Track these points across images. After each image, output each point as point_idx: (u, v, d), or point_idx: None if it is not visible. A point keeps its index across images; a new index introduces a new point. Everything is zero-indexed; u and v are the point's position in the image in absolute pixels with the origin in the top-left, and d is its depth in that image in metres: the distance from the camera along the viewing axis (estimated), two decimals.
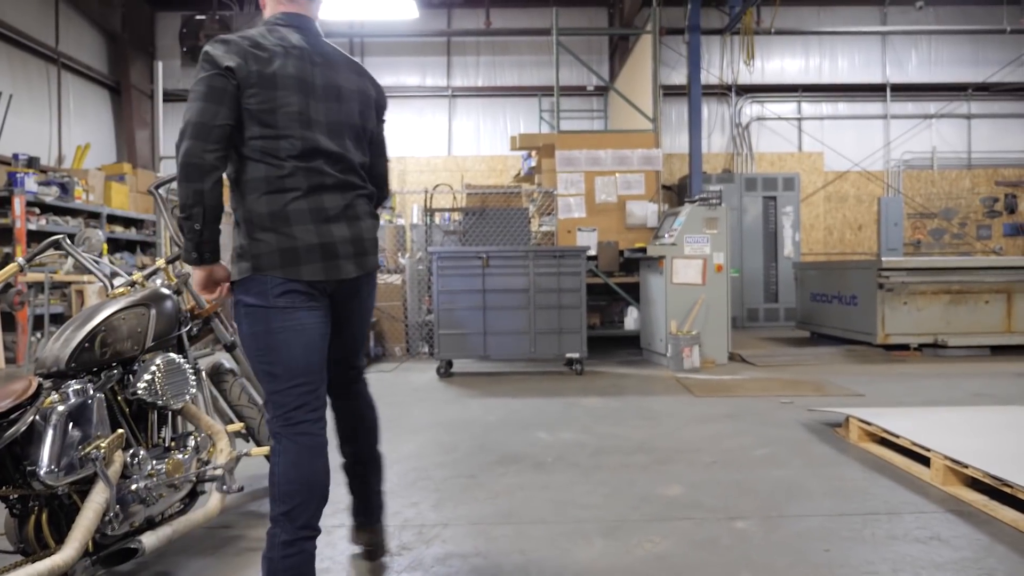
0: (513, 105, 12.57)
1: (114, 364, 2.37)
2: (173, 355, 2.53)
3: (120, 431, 2.23)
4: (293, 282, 2.05)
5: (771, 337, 9.76)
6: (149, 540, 2.25)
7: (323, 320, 2.13)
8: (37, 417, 2.05)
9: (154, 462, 2.38)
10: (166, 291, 2.65)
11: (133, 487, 2.26)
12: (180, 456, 2.48)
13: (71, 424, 2.11)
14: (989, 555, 2.49)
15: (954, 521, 2.80)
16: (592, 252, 8.00)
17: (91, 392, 2.20)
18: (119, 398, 2.38)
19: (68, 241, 2.71)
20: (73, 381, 2.20)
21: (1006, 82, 12.37)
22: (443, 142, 12.54)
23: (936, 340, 7.68)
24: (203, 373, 2.87)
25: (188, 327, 2.80)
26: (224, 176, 2.04)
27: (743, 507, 3.00)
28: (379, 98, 2.37)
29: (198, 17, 12.37)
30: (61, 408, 2.09)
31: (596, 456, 3.85)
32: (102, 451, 2.13)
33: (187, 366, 2.56)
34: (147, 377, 2.39)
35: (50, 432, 2.04)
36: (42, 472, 2.00)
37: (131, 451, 2.29)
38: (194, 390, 2.57)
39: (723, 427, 4.47)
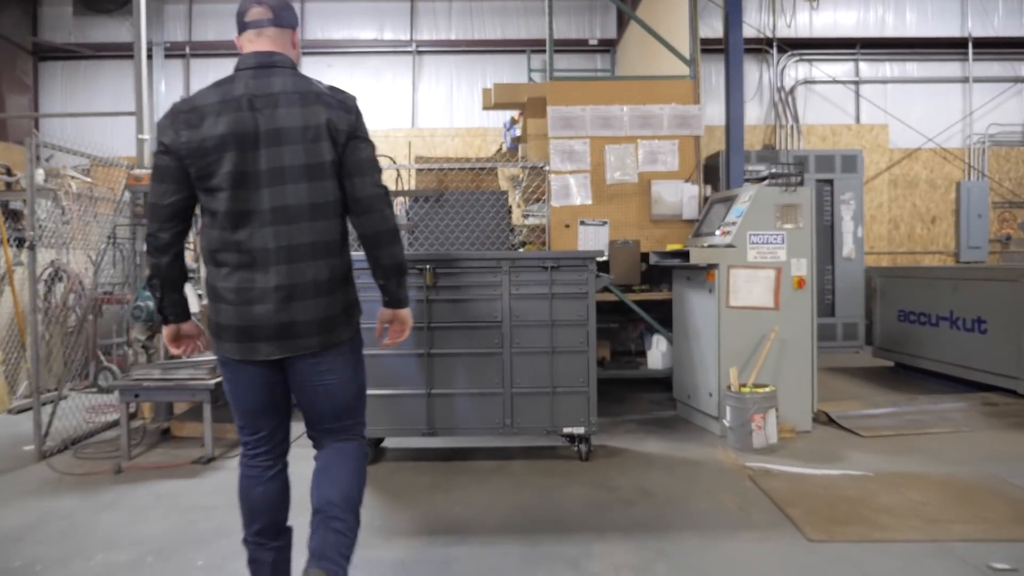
0: (495, 64, 9.89)
1: None
2: None
3: None
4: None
5: (838, 368, 7.19)
6: None
7: (259, 379, 2.15)
8: None
9: None
10: None
11: None
12: None
13: None
14: None
15: None
16: (602, 256, 5.40)
17: None
18: None
19: None
20: None
21: None
22: (405, 110, 9.86)
23: None
24: None
25: None
26: (185, 249, 2.21)
27: None
28: (335, 120, 2.11)
29: None
30: None
31: None
32: None
33: None
34: None
35: None
36: None
37: None
38: None
39: None
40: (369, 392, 4.02)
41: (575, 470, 3.92)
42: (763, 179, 4.90)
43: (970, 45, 9.90)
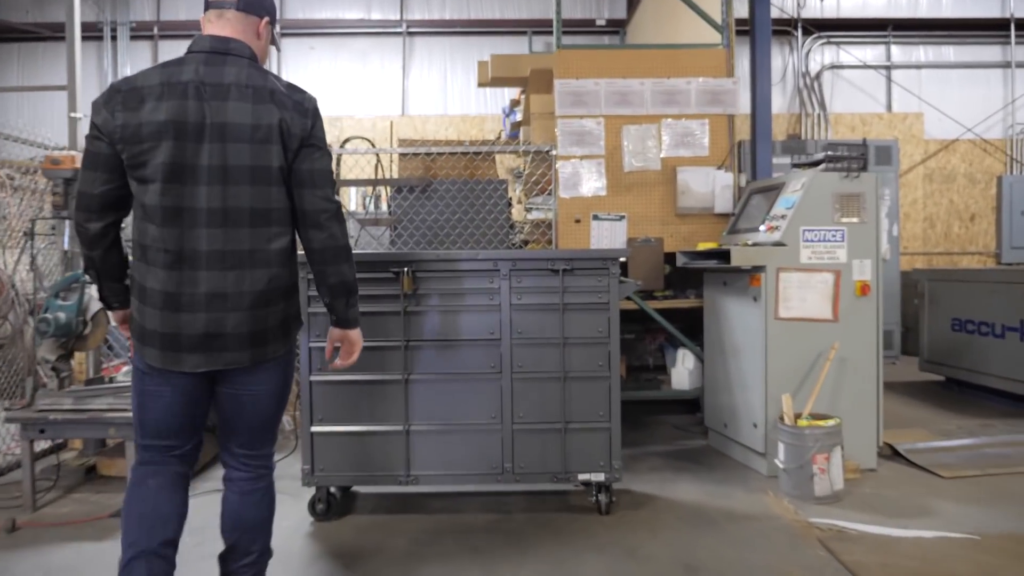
0: (492, 46, 9.01)
1: None
2: None
3: None
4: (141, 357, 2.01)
5: None
6: None
7: (183, 391, 1.97)
8: None
9: None
10: None
11: None
12: None
13: None
14: None
15: None
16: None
17: None
18: None
19: None
20: None
21: None
22: (395, 97, 9.01)
23: None
24: None
25: None
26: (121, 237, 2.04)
27: None
28: (288, 122, 1.96)
29: None
30: None
31: None
32: None
33: None
34: None
35: None
36: None
37: None
38: None
39: None
40: (333, 429, 3.19)
41: (593, 529, 3.08)
42: (817, 163, 4.06)
43: (1012, 27, 9.08)
